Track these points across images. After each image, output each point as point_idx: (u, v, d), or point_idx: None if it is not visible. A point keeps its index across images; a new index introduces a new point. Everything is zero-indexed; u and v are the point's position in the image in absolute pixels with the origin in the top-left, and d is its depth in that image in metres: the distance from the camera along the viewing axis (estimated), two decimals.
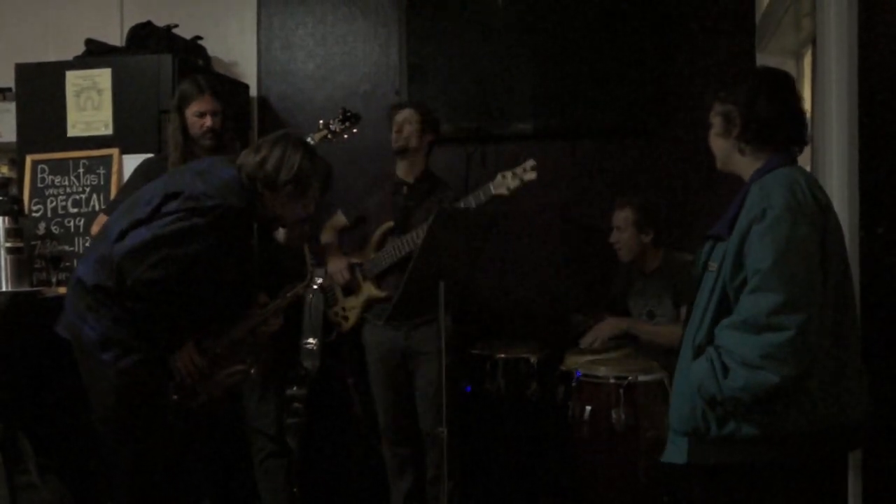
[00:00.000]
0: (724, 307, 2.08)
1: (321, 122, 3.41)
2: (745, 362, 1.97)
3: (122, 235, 2.51)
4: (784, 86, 2.21)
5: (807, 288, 1.98)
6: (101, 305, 2.52)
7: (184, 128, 3.13)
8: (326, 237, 3.68)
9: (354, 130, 3.45)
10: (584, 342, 3.42)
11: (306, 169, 2.58)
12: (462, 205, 3.33)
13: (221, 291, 2.68)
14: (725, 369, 1.99)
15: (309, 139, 3.25)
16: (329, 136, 3.38)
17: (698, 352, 2.09)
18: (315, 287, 3.89)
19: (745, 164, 2.21)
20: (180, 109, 3.14)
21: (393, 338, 3.46)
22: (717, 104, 2.24)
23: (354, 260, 3.57)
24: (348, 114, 3.41)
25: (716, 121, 2.23)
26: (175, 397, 2.65)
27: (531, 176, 3.29)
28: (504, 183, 3.30)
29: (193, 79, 3.20)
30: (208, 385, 2.69)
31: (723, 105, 2.21)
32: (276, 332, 2.85)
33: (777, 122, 2.16)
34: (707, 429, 2.06)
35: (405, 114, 3.47)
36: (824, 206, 2.10)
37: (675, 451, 2.16)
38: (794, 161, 2.20)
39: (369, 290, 3.52)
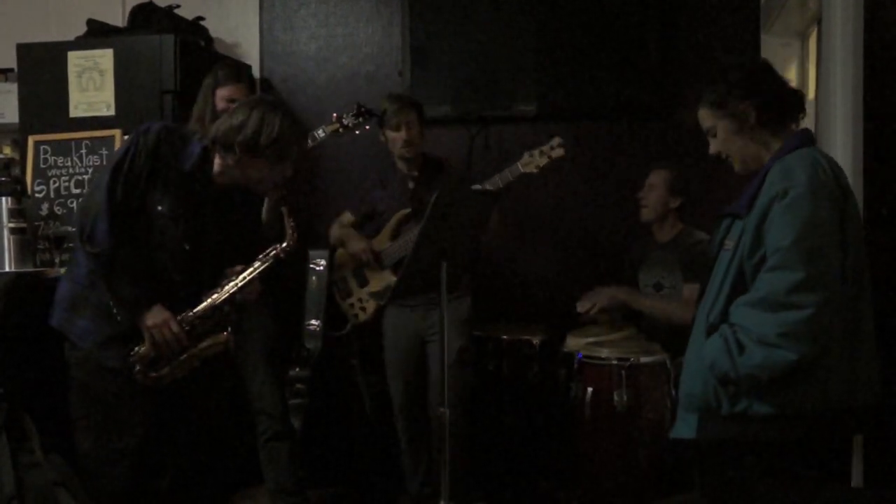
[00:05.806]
0: (740, 285, 2.06)
1: (334, 115, 3.37)
2: (762, 340, 1.96)
3: None
4: (769, 66, 2.26)
5: (826, 267, 1.97)
6: (75, 265, 2.64)
7: (213, 106, 3.15)
8: (337, 231, 3.61)
9: (367, 127, 3.41)
10: (581, 306, 3.32)
11: (286, 133, 2.54)
12: (489, 186, 3.28)
13: (183, 251, 2.61)
14: (741, 347, 1.98)
15: (320, 131, 3.25)
16: (341, 129, 3.36)
17: (712, 330, 2.08)
18: (319, 269, 3.89)
19: (765, 153, 2.19)
20: (213, 88, 3.17)
21: (410, 319, 3.45)
22: (712, 112, 2.22)
23: (374, 247, 3.52)
24: (363, 109, 3.39)
25: (722, 125, 2.22)
26: (137, 370, 2.53)
27: (559, 153, 3.29)
28: (532, 161, 3.30)
29: (235, 65, 3.27)
30: (184, 359, 2.57)
31: (725, 108, 2.20)
32: (258, 299, 2.77)
33: (781, 95, 2.18)
34: (718, 406, 2.05)
35: (412, 118, 3.35)
36: (845, 188, 2.09)
37: (684, 427, 2.18)
38: (813, 142, 2.20)
39: (389, 278, 3.47)
